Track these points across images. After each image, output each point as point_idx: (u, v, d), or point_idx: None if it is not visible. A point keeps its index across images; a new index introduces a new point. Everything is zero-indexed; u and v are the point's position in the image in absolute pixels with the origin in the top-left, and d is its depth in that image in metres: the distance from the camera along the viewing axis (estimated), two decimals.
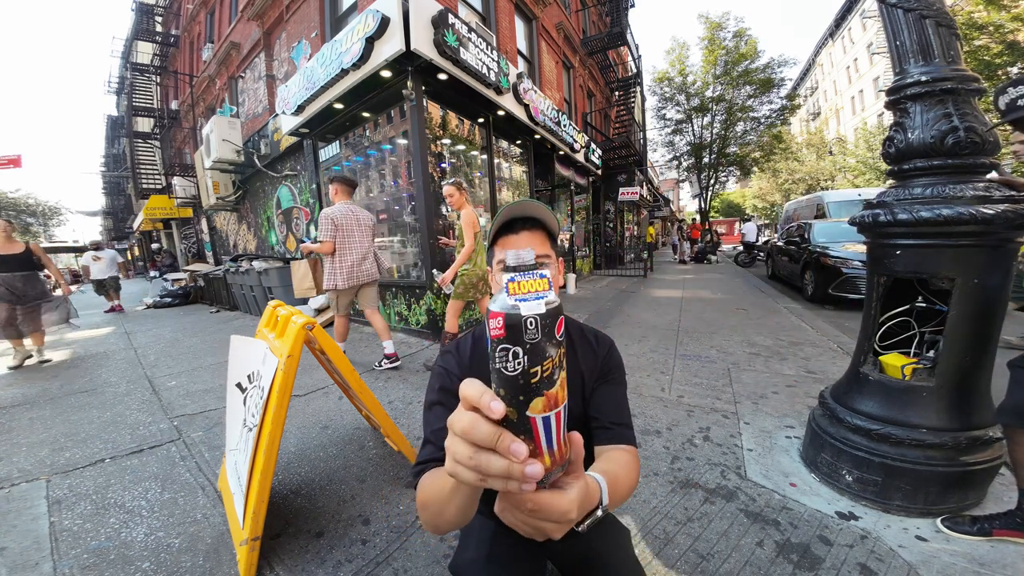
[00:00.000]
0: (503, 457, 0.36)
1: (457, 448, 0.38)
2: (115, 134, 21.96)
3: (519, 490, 0.37)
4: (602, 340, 0.91)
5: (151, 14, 12.46)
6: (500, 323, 0.35)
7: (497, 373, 0.36)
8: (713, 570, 1.23)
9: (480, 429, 0.36)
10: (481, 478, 0.37)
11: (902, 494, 1.41)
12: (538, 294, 0.37)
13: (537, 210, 0.78)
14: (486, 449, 0.36)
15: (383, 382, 3.08)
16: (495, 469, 0.36)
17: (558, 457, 0.40)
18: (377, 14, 3.72)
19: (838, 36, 31.77)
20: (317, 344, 1.48)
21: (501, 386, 0.36)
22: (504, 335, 0.35)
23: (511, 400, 0.36)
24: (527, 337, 0.35)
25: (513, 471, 0.35)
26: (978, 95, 1.36)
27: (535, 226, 0.79)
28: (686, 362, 3.23)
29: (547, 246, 0.78)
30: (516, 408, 0.36)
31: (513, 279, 0.37)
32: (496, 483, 0.37)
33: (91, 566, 1.35)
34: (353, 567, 1.31)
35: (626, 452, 0.76)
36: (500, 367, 0.36)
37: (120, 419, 2.59)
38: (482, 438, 0.36)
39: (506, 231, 0.78)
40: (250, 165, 7.42)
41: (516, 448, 0.35)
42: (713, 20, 19.22)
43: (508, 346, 0.35)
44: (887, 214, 1.43)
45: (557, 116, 6.92)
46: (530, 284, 0.37)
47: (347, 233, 3.02)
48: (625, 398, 0.86)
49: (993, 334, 1.38)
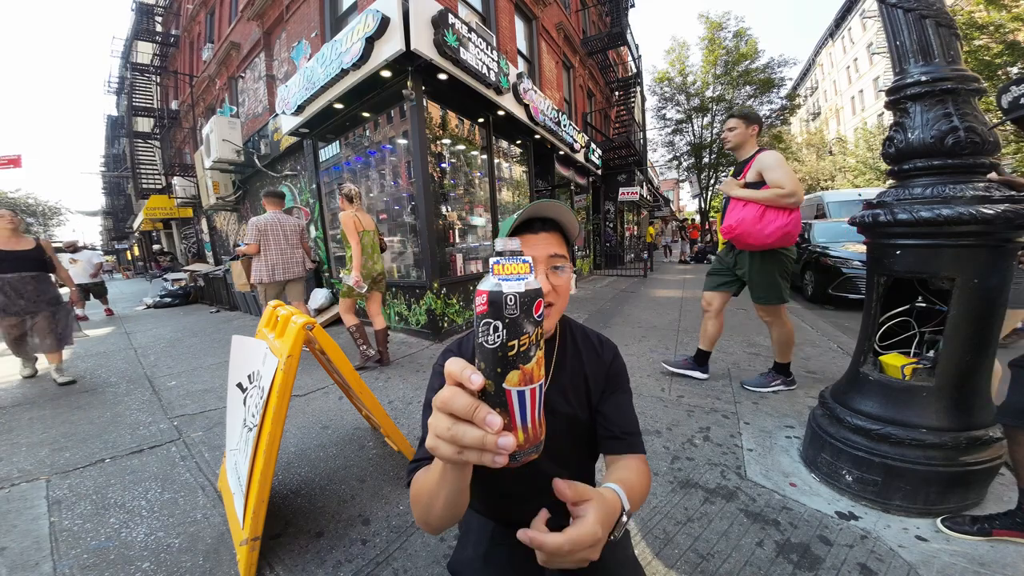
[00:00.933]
0: (478, 428, 0.38)
1: (437, 422, 0.41)
2: (115, 134, 21.97)
3: (492, 463, 0.39)
4: (607, 346, 0.92)
5: (151, 14, 12.46)
6: (484, 300, 0.39)
7: (480, 347, 0.40)
8: (713, 570, 1.23)
9: (459, 400, 0.39)
10: (458, 450, 0.39)
11: (902, 494, 1.41)
12: (519, 276, 0.40)
13: (559, 212, 0.76)
14: (463, 421, 0.39)
15: (383, 382, 3.09)
16: (470, 439, 0.38)
17: (531, 435, 0.42)
18: (377, 14, 3.72)
19: (838, 36, 31.76)
20: (317, 344, 1.48)
21: (482, 359, 0.40)
22: (487, 310, 0.39)
23: (490, 372, 0.40)
24: (507, 312, 0.38)
25: (487, 442, 0.38)
26: (978, 95, 1.36)
27: (554, 228, 0.77)
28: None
29: (563, 248, 0.77)
30: (494, 380, 0.40)
31: (499, 261, 0.41)
32: (471, 455, 0.39)
33: (91, 566, 1.35)
34: (353, 567, 1.31)
35: (637, 460, 0.80)
36: (482, 340, 0.39)
37: (120, 419, 2.59)
38: (460, 408, 0.39)
39: (525, 230, 0.77)
40: (250, 165, 7.42)
41: (491, 419, 0.38)
42: (713, 20, 19.24)
43: (490, 320, 0.39)
44: (887, 214, 1.43)
45: (557, 116, 6.92)
46: (513, 267, 0.41)
47: (272, 237, 3.67)
48: (631, 405, 0.89)
49: (993, 334, 1.38)
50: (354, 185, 3.51)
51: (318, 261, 6.24)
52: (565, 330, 0.91)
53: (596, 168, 10.40)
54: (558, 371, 0.86)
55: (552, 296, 0.74)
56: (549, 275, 0.73)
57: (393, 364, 3.55)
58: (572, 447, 0.87)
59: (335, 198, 5.99)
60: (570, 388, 0.86)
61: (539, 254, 0.74)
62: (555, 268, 0.74)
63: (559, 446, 0.85)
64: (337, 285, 5.91)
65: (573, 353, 0.89)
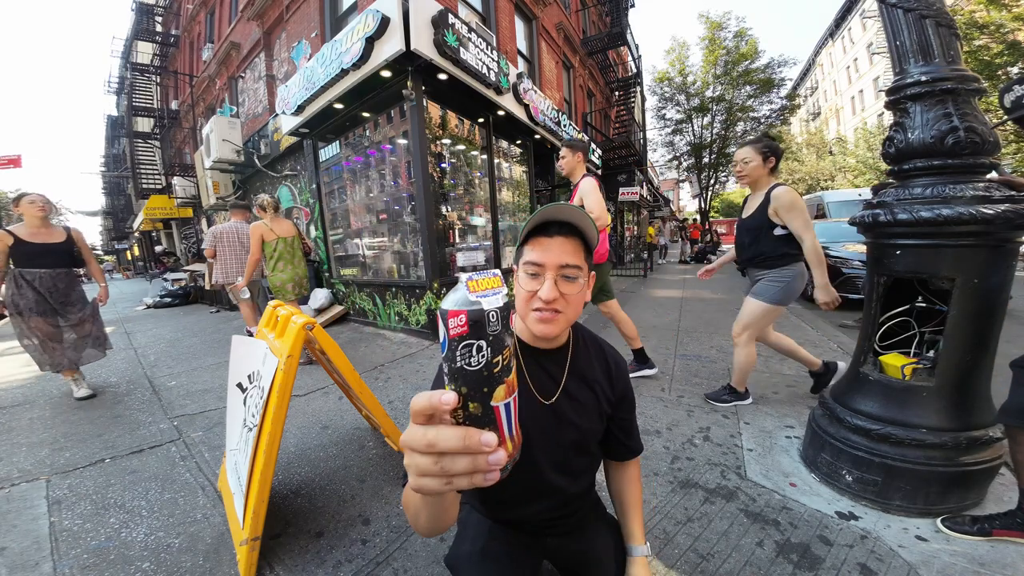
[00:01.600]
0: (470, 454, 0.36)
1: (419, 461, 0.37)
2: (115, 134, 21.97)
3: (484, 482, 0.37)
4: (620, 366, 0.94)
5: (151, 14, 12.45)
6: (463, 320, 0.36)
7: (459, 371, 0.37)
8: (713, 570, 1.23)
9: (445, 435, 0.35)
10: (447, 481, 0.36)
11: (902, 494, 1.41)
12: (495, 290, 0.39)
13: (576, 216, 0.72)
14: (451, 453, 0.36)
15: (383, 382, 3.09)
16: (460, 467, 0.36)
17: (517, 442, 0.42)
18: (377, 14, 3.72)
19: (838, 36, 31.76)
20: (317, 344, 1.48)
21: (464, 382, 0.37)
22: (467, 331, 0.36)
23: (475, 395, 0.37)
24: (490, 330, 0.36)
25: (479, 464, 0.36)
26: (978, 95, 1.36)
27: (571, 232, 0.73)
28: (686, 362, 3.24)
29: (580, 256, 0.72)
30: (480, 401, 0.37)
31: (472, 278, 0.39)
32: (461, 481, 0.36)
33: (91, 566, 1.35)
34: (353, 567, 1.31)
35: (635, 464, 1.00)
36: (462, 364, 0.36)
37: (120, 419, 2.59)
38: (450, 444, 0.35)
39: (540, 232, 0.73)
40: (250, 165, 7.42)
41: (486, 438, 0.35)
42: (714, 20, 19.24)
43: (472, 341, 0.36)
44: (887, 214, 1.43)
45: (557, 116, 6.92)
46: (488, 282, 0.39)
47: (227, 244, 4.04)
48: (635, 417, 0.99)
49: (993, 334, 1.38)
50: (269, 196, 3.74)
51: (318, 261, 6.25)
52: (578, 339, 0.89)
53: (596, 168, 10.40)
54: (570, 382, 0.84)
55: (560, 303, 0.71)
56: (559, 282, 0.71)
57: (393, 364, 3.55)
58: (578, 457, 0.87)
59: (335, 198, 6.00)
60: (581, 402, 0.85)
61: (550, 260, 0.71)
62: (566, 277, 0.71)
63: (566, 457, 0.85)
64: (337, 285, 5.91)
65: (586, 365, 0.88)
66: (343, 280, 5.79)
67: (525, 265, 0.73)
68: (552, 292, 0.70)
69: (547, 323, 0.72)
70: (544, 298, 0.70)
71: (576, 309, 0.75)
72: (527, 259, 0.73)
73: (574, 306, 0.74)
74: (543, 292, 0.70)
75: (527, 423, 0.78)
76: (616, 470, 1.00)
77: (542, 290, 0.70)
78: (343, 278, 5.84)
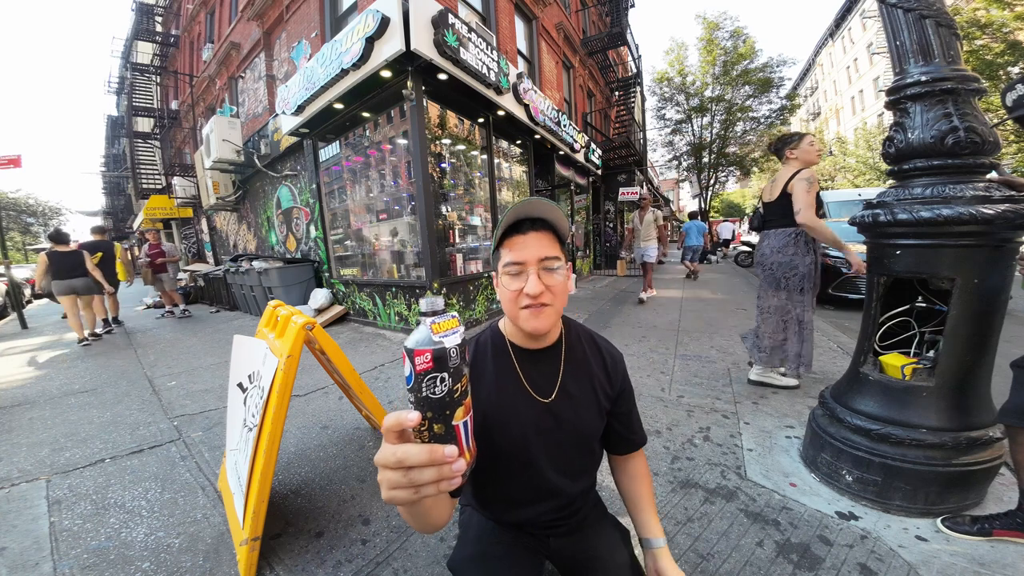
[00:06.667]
0: (435, 465, 0.42)
1: (390, 476, 0.43)
2: (115, 134, 21.94)
3: (448, 487, 0.43)
4: (617, 359, 0.93)
5: (151, 14, 12.45)
6: (428, 358, 0.42)
7: (425, 400, 0.43)
8: (713, 570, 1.23)
9: (412, 452, 0.42)
10: (415, 491, 0.42)
11: (902, 494, 1.41)
12: (454, 329, 0.45)
13: (546, 210, 0.74)
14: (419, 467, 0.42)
15: (383, 382, 3.09)
16: (427, 477, 0.42)
17: (473, 451, 0.50)
18: (377, 14, 3.72)
19: (838, 36, 31.75)
20: (317, 344, 1.48)
21: (429, 408, 0.44)
22: (432, 366, 0.43)
23: (439, 418, 0.44)
24: (451, 364, 0.44)
25: (443, 473, 0.42)
26: (978, 95, 1.36)
27: (543, 227, 0.75)
28: (686, 362, 3.23)
29: (556, 248, 0.75)
30: (444, 423, 0.44)
31: (435, 321, 0.45)
32: (428, 490, 0.43)
33: (91, 566, 1.35)
34: (353, 567, 1.31)
35: (641, 457, 0.98)
36: (427, 394, 0.43)
37: (120, 419, 2.59)
38: (417, 459, 0.42)
39: (513, 232, 0.74)
40: (250, 165, 7.41)
41: (449, 450, 0.42)
42: (710, 20, 19.23)
43: (436, 374, 0.43)
44: (887, 214, 1.43)
45: (557, 116, 6.92)
46: (447, 323, 0.46)
47: None
48: (636, 408, 0.96)
49: (993, 334, 1.38)
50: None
51: (318, 261, 6.25)
52: (570, 334, 0.89)
53: (596, 168, 10.40)
54: (567, 378, 0.84)
55: (547, 296, 0.72)
56: (542, 275, 0.72)
57: (393, 364, 3.55)
58: (578, 456, 0.87)
59: (335, 198, 5.99)
60: (579, 399, 0.84)
61: (529, 257, 0.72)
62: (547, 269, 0.72)
63: (567, 457, 0.85)
64: (337, 285, 5.91)
65: (581, 360, 0.87)
66: (343, 280, 5.79)
67: (506, 267, 0.74)
68: (537, 286, 0.71)
69: (538, 317, 0.73)
70: (531, 292, 0.71)
71: (562, 299, 0.75)
72: (507, 260, 0.74)
73: (560, 297, 0.74)
74: (529, 287, 0.71)
75: (527, 426, 0.79)
76: (622, 465, 0.98)
77: (528, 286, 0.71)
78: (343, 278, 5.85)
